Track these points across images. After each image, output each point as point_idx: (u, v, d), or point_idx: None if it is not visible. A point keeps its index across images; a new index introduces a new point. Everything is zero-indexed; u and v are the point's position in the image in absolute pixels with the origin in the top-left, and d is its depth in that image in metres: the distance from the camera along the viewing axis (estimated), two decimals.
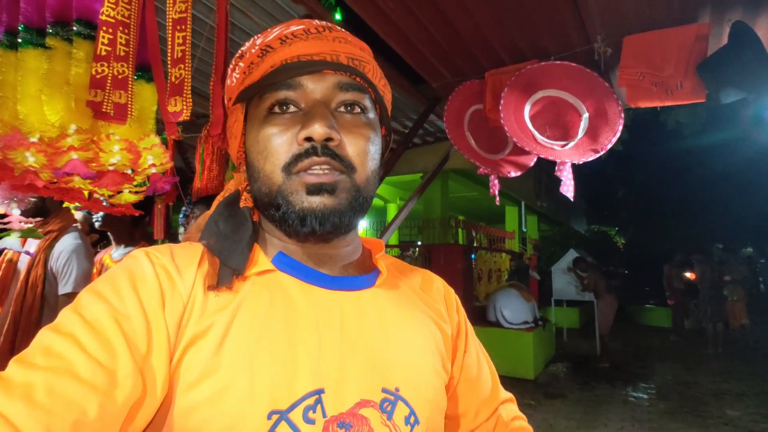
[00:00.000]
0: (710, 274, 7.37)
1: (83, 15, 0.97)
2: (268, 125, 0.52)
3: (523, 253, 8.06)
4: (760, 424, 4.36)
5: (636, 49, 1.93)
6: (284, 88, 0.52)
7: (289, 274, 0.54)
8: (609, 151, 5.98)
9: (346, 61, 0.54)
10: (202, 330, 0.47)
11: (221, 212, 0.57)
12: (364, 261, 0.62)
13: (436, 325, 0.62)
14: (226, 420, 0.43)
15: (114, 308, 0.45)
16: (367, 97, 0.56)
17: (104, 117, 0.95)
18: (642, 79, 1.90)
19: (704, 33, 1.82)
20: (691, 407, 4.87)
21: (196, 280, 0.50)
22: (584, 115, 2.14)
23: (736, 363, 6.67)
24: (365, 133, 0.54)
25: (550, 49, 2.23)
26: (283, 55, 0.53)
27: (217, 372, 0.45)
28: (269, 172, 0.52)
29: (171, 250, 0.53)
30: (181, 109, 0.96)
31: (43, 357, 0.41)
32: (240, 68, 0.56)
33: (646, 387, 5.58)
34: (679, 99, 1.89)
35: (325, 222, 0.50)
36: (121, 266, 0.50)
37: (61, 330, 0.43)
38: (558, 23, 2.04)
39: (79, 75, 0.96)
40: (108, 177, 0.97)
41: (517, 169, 2.42)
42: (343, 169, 0.51)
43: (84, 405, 0.39)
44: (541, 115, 2.22)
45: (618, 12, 1.92)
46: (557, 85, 2.17)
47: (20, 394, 0.38)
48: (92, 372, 0.41)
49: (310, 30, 0.54)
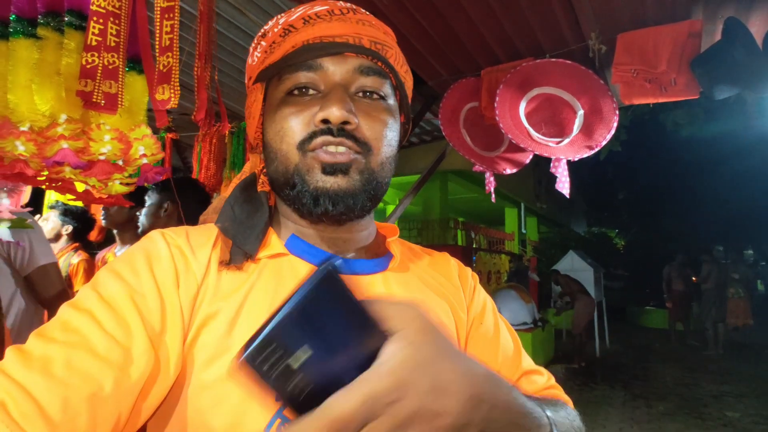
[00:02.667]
0: (717, 274, 7.35)
1: (74, 6, 0.99)
2: (286, 106, 0.52)
3: (523, 254, 8.05)
4: (760, 426, 4.34)
5: (630, 46, 1.94)
6: (305, 68, 0.52)
7: (301, 257, 0.54)
8: (608, 152, 5.93)
9: (368, 44, 0.53)
10: (214, 311, 0.47)
11: (237, 196, 0.57)
12: (378, 245, 0.62)
13: (450, 308, 0.61)
14: (236, 400, 0.44)
15: (130, 286, 0.45)
16: (387, 83, 0.55)
17: (94, 107, 0.95)
18: (636, 76, 1.91)
19: (697, 30, 1.82)
20: (691, 408, 4.85)
21: (211, 260, 0.50)
22: (579, 112, 2.15)
23: (736, 364, 6.64)
24: (383, 117, 0.53)
25: (545, 46, 2.24)
26: (306, 36, 0.52)
27: (228, 352, 0.45)
28: (285, 152, 0.52)
29: (186, 231, 0.53)
30: (169, 96, 0.97)
31: (62, 332, 0.42)
32: (261, 47, 0.56)
33: (645, 388, 5.56)
34: (673, 95, 1.90)
35: (338, 203, 0.50)
36: (138, 246, 0.50)
37: (79, 306, 0.44)
38: (552, 21, 2.05)
39: (69, 65, 0.97)
40: (98, 167, 0.97)
41: (512, 166, 2.43)
42: (358, 150, 0.51)
43: (100, 379, 0.40)
44: (536, 112, 2.23)
45: (612, 9, 1.93)
46: (552, 82, 2.18)
47: (39, 366, 0.39)
48: (108, 348, 0.42)
49: (334, 11, 0.54)
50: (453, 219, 7.08)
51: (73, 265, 2.55)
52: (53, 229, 2.59)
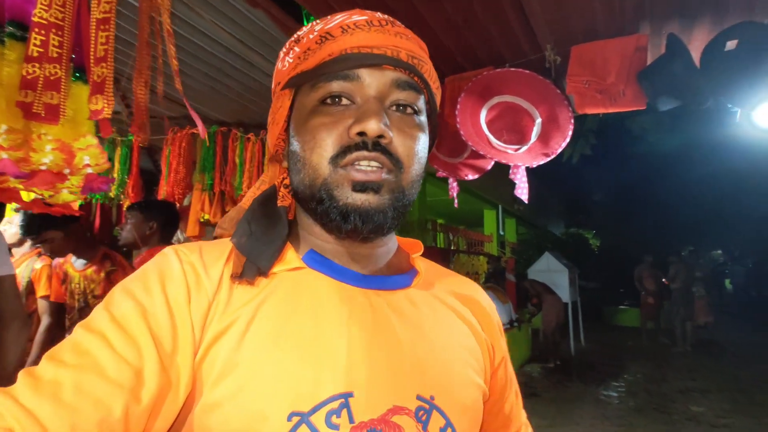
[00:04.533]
0: (684, 274, 7.60)
1: (16, 17, 0.99)
2: (318, 115, 0.50)
3: (501, 255, 8.16)
4: (722, 420, 4.51)
5: (582, 58, 2.02)
6: (340, 78, 0.50)
7: (320, 271, 0.52)
8: (580, 156, 6.05)
9: (406, 58, 0.52)
10: (225, 326, 0.46)
11: (255, 210, 0.55)
12: (400, 261, 0.60)
13: (474, 335, 0.59)
14: (245, 419, 0.42)
15: (142, 305, 0.45)
16: (421, 98, 0.54)
17: (35, 117, 0.96)
18: (588, 87, 1.99)
19: (643, 44, 1.91)
20: (658, 404, 5.01)
21: (223, 276, 0.49)
22: (537, 120, 2.22)
23: (703, 360, 6.88)
24: (415, 134, 0.52)
25: (505, 56, 2.31)
26: (343, 45, 0.51)
27: (237, 369, 0.44)
28: (315, 164, 0.50)
29: (200, 247, 0.52)
30: (102, 107, 0.98)
31: (73, 354, 0.42)
32: (294, 53, 0.54)
33: (617, 385, 5.72)
34: (623, 106, 1.98)
35: (368, 220, 0.48)
36: (152, 263, 0.50)
37: (91, 327, 0.44)
38: (510, 32, 2.12)
39: (10, 76, 0.97)
40: (39, 177, 0.98)
41: (474, 172, 2.49)
42: (391, 167, 0.50)
43: (110, 404, 0.39)
44: (498, 119, 2.30)
45: (565, 23, 2.01)
46: (512, 91, 2.25)
47: (48, 392, 0.39)
48: (119, 370, 0.41)
49: (373, 22, 0.52)
50: (431, 221, 7.14)
51: (36, 271, 2.51)
52: (17, 233, 2.54)
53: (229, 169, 3.00)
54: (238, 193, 2.98)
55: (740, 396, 5.22)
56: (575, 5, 1.89)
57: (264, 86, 2.88)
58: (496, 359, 0.61)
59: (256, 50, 2.49)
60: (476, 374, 0.55)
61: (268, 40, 2.40)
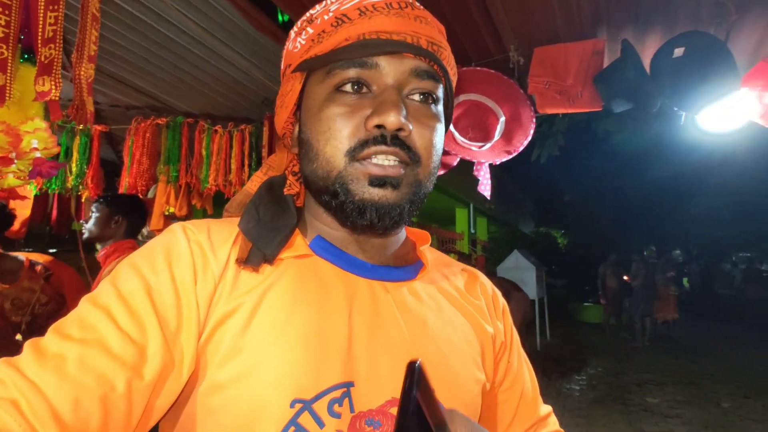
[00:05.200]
0: (645, 272, 7.94)
1: None
2: (334, 104, 0.48)
3: (472, 253, 8.31)
4: (675, 410, 4.76)
5: (543, 59, 2.09)
6: (358, 66, 0.48)
7: (327, 259, 0.51)
8: (547, 156, 6.20)
9: (426, 45, 0.49)
10: (230, 309, 0.46)
11: (263, 195, 0.54)
12: (407, 252, 0.59)
13: (478, 327, 0.58)
14: (248, 403, 0.42)
15: (148, 283, 0.44)
16: (440, 87, 0.52)
17: None
18: (548, 88, 2.06)
19: (600, 48, 2.00)
20: (617, 396, 5.24)
21: (230, 258, 0.48)
22: (501, 119, 2.29)
23: (660, 355, 7.23)
24: (433, 124, 0.51)
25: (471, 55, 2.37)
26: (361, 29, 0.48)
27: (242, 353, 0.44)
28: (330, 156, 0.48)
29: (209, 226, 0.51)
30: (49, 89, 0.95)
31: (78, 328, 0.41)
32: (308, 34, 0.51)
33: (579, 379, 5.95)
34: (580, 107, 2.07)
35: (384, 216, 0.47)
36: (160, 240, 0.49)
37: (97, 301, 0.44)
38: (476, 32, 2.17)
39: None
40: None
41: (441, 168, 2.54)
42: (408, 161, 0.48)
43: (113, 379, 0.39)
44: (464, 117, 2.35)
45: (528, 25, 2.08)
46: (478, 89, 2.30)
47: (53, 365, 0.39)
48: (123, 347, 0.41)
49: (392, 4, 0.50)
50: None
51: None
52: None
53: (196, 161, 2.95)
54: (205, 186, 2.93)
55: (692, 388, 5.52)
56: (537, 8, 1.96)
57: (233, 78, 2.84)
58: (497, 347, 0.61)
59: (225, 42, 2.45)
60: (477, 368, 0.55)
61: (235, 32, 2.38)
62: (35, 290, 2.15)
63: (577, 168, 12.64)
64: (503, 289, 7.06)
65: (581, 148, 10.37)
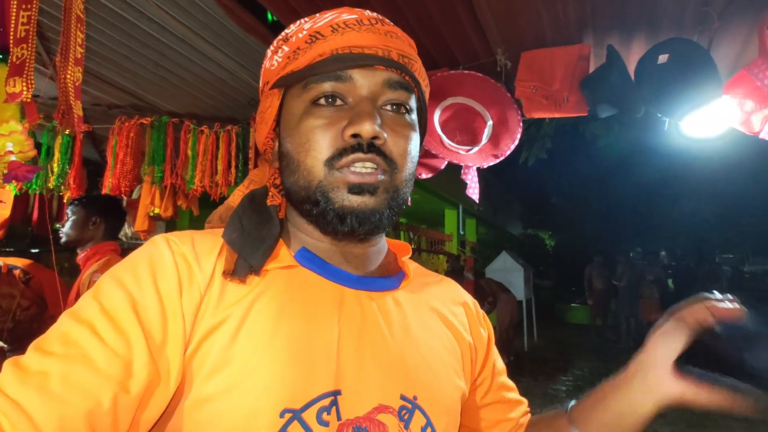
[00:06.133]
0: (630, 274, 8.06)
1: None
2: (311, 117, 0.50)
3: (461, 255, 8.35)
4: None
5: (530, 63, 2.10)
6: (332, 79, 0.50)
7: (312, 270, 0.52)
8: (535, 159, 6.27)
9: (397, 57, 0.52)
10: (218, 321, 0.46)
11: (246, 207, 0.55)
12: (389, 262, 0.61)
13: (458, 335, 0.60)
14: (238, 415, 0.42)
15: (132, 296, 0.44)
16: (413, 97, 0.55)
17: None
18: (535, 92, 2.07)
19: (586, 54, 2.02)
20: None
21: (216, 270, 0.49)
22: (489, 123, 2.29)
23: None
24: (408, 133, 0.53)
25: (459, 58, 2.37)
26: (334, 45, 0.50)
27: (230, 365, 0.44)
28: (310, 166, 0.50)
29: (192, 237, 0.51)
30: (20, 90, 0.92)
31: (60, 344, 0.41)
32: (284, 52, 0.53)
33: (565, 379, 6.00)
34: (567, 112, 2.08)
35: (364, 222, 0.49)
36: (143, 252, 0.48)
37: (79, 316, 0.43)
38: (463, 35, 2.18)
39: None
40: None
41: (428, 171, 2.54)
42: (386, 168, 0.50)
43: (98, 395, 0.39)
44: (451, 120, 2.35)
45: (515, 29, 2.09)
46: (465, 93, 2.31)
47: (36, 383, 0.38)
48: (107, 362, 0.40)
49: (363, 21, 0.52)
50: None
51: None
52: None
53: (181, 162, 2.90)
54: (190, 187, 2.88)
55: None
56: (523, 12, 1.96)
57: (219, 79, 2.80)
58: (479, 358, 0.64)
59: (210, 41, 2.41)
60: (457, 376, 0.57)
61: (221, 31, 2.34)
62: (15, 295, 2.09)
63: (565, 171, 12.79)
64: (490, 289, 7.11)
65: (569, 151, 10.49)
